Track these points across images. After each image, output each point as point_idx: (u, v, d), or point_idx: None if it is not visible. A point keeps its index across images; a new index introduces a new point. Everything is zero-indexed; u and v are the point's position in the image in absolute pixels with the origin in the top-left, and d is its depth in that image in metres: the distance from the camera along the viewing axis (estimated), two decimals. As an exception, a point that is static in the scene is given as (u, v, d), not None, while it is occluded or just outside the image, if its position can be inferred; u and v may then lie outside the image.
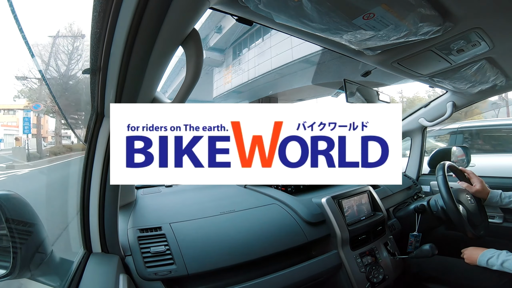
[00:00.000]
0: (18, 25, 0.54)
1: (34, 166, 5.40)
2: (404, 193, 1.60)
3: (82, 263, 0.68)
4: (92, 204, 0.70)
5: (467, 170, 1.36)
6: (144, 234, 0.85)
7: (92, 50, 0.50)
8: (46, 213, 0.87)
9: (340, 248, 1.07)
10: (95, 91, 0.60)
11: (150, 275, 0.75)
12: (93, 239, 0.72)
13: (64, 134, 8.39)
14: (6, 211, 0.49)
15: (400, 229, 1.38)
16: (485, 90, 1.34)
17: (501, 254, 1.01)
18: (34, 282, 0.56)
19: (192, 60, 0.50)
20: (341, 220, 1.10)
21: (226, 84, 12.46)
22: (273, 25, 0.70)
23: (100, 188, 0.70)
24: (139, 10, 0.41)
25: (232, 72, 12.01)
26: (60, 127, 7.75)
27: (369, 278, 1.05)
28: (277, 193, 1.22)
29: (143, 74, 0.53)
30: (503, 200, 1.26)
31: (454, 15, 0.68)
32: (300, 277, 0.93)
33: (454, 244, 1.25)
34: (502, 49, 0.90)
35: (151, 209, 1.01)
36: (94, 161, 0.69)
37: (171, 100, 0.62)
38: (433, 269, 1.19)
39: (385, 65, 1.00)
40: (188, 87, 0.54)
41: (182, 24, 0.46)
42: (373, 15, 0.61)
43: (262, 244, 0.92)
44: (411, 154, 1.87)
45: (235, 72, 11.84)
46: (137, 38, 0.45)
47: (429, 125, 1.70)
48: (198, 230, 0.91)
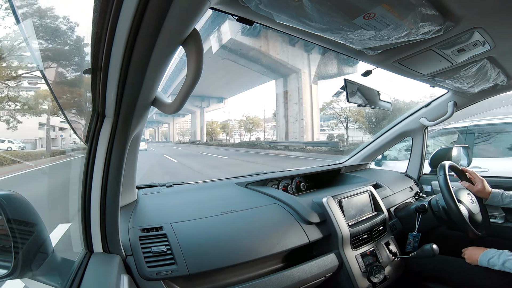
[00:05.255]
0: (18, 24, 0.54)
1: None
2: (405, 193, 1.60)
3: (83, 263, 0.68)
4: (93, 204, 0.71)
5: (469, 170, 1.36)
6: (145, 234, 0.85)
7: (93, 50, 0.50)
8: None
9: (341, 248, 1.07)
10: (96, 91, 0.60)
11: (151, 275, 0.75)
12: (94, 239, 0.73)
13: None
14: (7, 211, 0.50)
15: (401, 229, 1.38)
16: (486, 90, 1.34)
17: (502, 254, 1.01)
18: (36, 282, 0.56)
19: (192, 60, 0.50)
20: (342, 220, 1.10)
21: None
22: (273, 25, 0.70)
23: (101, 188, 0.70)
24: (140, 10, 0.41)
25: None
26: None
27: (370, 278, 1.05)
28: (277, 193, 1.22)
29: (144, 74, 0.54)
30: (504, 200, 1.26)
31: (455, 14, 0.68)
32: (301, 277, 0.93)
33: (455, 243, 1.25)
34: (503, 49, 0.90)
35: (152, 209, 1.02)
36: (95, 161, 0.69)
37: (172, 100, 0.62)
38: (434, 268, 1.19)
39: (385, 64, 1.00)
40: (189, 87, 0.54)
41: (183, 24, 0.46)
42: (373, 15, 0.61)
43: (263, 244, 0.92)
44: (412, 154, 1.87)
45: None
46: (138, 38, 0.46)
47: (430, 125, 1.70)
48: (199, 230, 0.91)
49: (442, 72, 1.09)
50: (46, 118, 12.49)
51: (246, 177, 1.43)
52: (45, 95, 11.68)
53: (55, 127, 14.99)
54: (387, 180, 1.63)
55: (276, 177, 1.47)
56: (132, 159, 0.94)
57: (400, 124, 1.82)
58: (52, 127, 14.41)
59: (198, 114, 38.44)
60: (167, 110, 0.63)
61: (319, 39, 0.77)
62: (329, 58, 18.15)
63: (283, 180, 1.50)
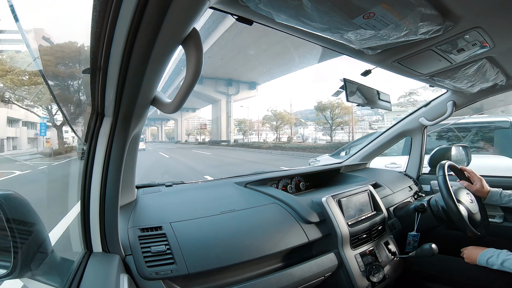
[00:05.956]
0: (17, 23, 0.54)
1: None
2: (404, 192, 1.60)
3: (82, 263, 0.68)
4: (93, 203, 0.70)
5: (468, 169, 1.36)
6: (145, 233, 0.85)
7: (92, 49, 0.50)
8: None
9: (341, 248, 1.07)
10: (95, 90, 0.60)
11: (150, 275, 0.75)
12: (93, 239, 0.73)
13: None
14: (6, 211, 0.49)
15: (400, 229, 1.38)
16: (486, 90, 1.35)
17: (501, 254, 1.01)
18: (35, 281, 0.56)
19: (192, 60, 0.50)
20: (341, 219, 1.10)
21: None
22: (273, 25, 0.69)
23: (100, 188, 0.70)
24: (139, 9, 0.41)
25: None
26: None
27: (369, 278, 1.05)
28: (277, 193, 1.22)
29: (143, 74, 0.54)
30: (503, 199, 1.26)
31: (454, 14, 0.68)
32: (301, 277, 0.93)
33: (454, 243, 1.25)
34: (503, 48, 0.90)
35: (152, 209, 1.01)
36: (94, 161, 0.69)
37: (171, 100, 0.62)
38: (433, 268, 1.19)
39: (385, 64, 1.00)
40: (189, 87, 0.54)
41: (182, 24, 0.46)
42: (373, 15, 0.61)
43: (262, 244, 0.92)
44: (412, 153, 1.88)
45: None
46: (137, 37, 0.46)
47: (430, 124, 1.71)
48: (198, 229, 0.91)
49: (442, 71, 1.09)
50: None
51: (246, 177, 1.43)
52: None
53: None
54: (387, 179, 1.63)
55: (276, 177, 1.47)
56: (131, 159, 0.93)
57: (400, 124, 1.82)
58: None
59: (223, 104, 27.89)
60: (166, 110, 0.63)
61: (318, 38, 0.77)
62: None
63: (282, 180, 1.50)
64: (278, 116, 27.18)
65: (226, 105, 27.78)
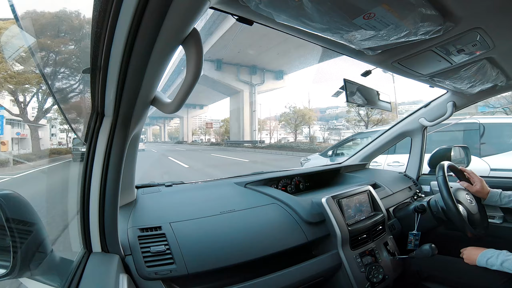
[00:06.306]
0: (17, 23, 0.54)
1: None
2: (404, 193, 1.60)
3: (82, 263, 0.68)
4: (92, 203, 0.70)
5: (467, 170, 1.36)
6: (144, 233, 0.85)
7: (92, 49, 0.50)
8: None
9: (340, 248, 1.07)
10: (95, 90, 0.60)
11: (150, 275, 0.75)
12: (93, 239, 0.72)
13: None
14: (6, 211, 0.49)
15: (400, 229, 1.38)
16: (486, 90, 1.35)
17: (501, 254, 1.01)
18: (34, 281, 0.56)
19: (192, 60, 0.50)
20: (341, 220, 1.10)
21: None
22: (273, 25, 0.69)
23: (100, 187, 0.70)
24: (140, 9, 0.41)
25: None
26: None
27: (369, 278, 1.06)
28: (277, 193, 1.22)
29: (143, 74, 0.53)
30: (502, 200, 1.26)
31: (454, 15, 0.68)
32: (300, 277, 0.93)
33: (454, 243, 1.25)
34: (503, 49, 0.90)
35: (151, 209, 1.01)
36: (94, 160, 0.69)
37: (171, 100, 0.62)
38: (432, 268, 1.19)
39: (385, 65, 1.00)
40: (189, 87, 0.54)
41: (183, 24, 0.46)
42: (373, 15, 0.61)
43: (262, 244, 0.92)
44: (411, 154, 1.88)
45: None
46: (137, 37, 0.45)
47: (430, 125, 1.71)
48: (198, 229, 0.91)
49: (442, 72, 1.09)
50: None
51: (246, 177, 1.43)
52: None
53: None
54: (386, 180, 1.63)
55: (275, 177, 1.47)
56: (131, 158, 0.93)
57: (399, 124, 1.82)
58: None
59: (245, 95, 22.10)
60: (166, 110, 0.63)
61: (319, 39, 0.77)
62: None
63: (282, 180, 1.50)
64: (298, 113, 23.28)
65: (249, 96, 22.36)
